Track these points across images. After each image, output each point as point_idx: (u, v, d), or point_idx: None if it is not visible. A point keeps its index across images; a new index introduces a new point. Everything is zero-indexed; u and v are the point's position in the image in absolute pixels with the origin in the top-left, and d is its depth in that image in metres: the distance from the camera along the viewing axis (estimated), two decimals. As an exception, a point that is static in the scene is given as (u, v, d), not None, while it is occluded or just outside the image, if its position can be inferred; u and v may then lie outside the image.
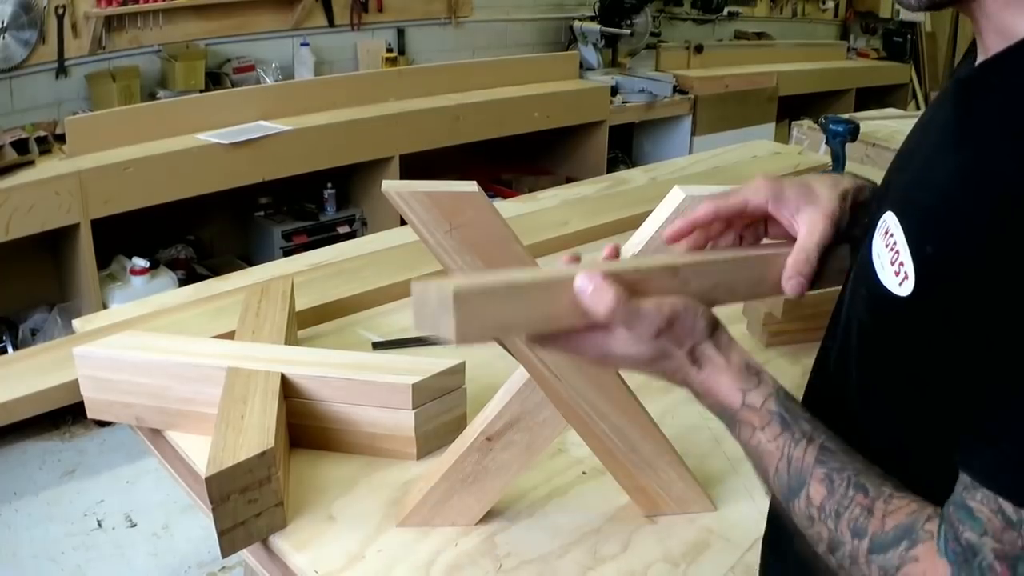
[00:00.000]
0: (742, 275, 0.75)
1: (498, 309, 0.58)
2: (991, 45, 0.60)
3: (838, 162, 2.10)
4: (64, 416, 2.75)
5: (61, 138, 2.90)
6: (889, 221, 0.63)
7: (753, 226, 0.82)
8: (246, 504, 0.91)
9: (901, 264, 0.61)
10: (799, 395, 0.76)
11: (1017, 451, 0.54)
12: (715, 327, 0.67)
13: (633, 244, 0.85)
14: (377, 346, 1.37)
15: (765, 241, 0.82)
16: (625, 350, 0.63)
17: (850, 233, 0.78)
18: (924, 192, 0.61)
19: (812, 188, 0.79)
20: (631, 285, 0.62)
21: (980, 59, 0.63)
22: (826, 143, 2.14)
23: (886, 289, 0.62)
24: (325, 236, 3.50)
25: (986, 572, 0.56)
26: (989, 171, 0.55)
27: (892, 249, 0.62)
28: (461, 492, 0.94)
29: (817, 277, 0.75)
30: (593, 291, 0.60)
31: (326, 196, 3.64)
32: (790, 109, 4.96)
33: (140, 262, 3.01)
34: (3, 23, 2.93)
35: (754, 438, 0.66)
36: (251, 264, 2.75)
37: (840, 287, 0.77)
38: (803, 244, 0.76)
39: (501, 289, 0.58)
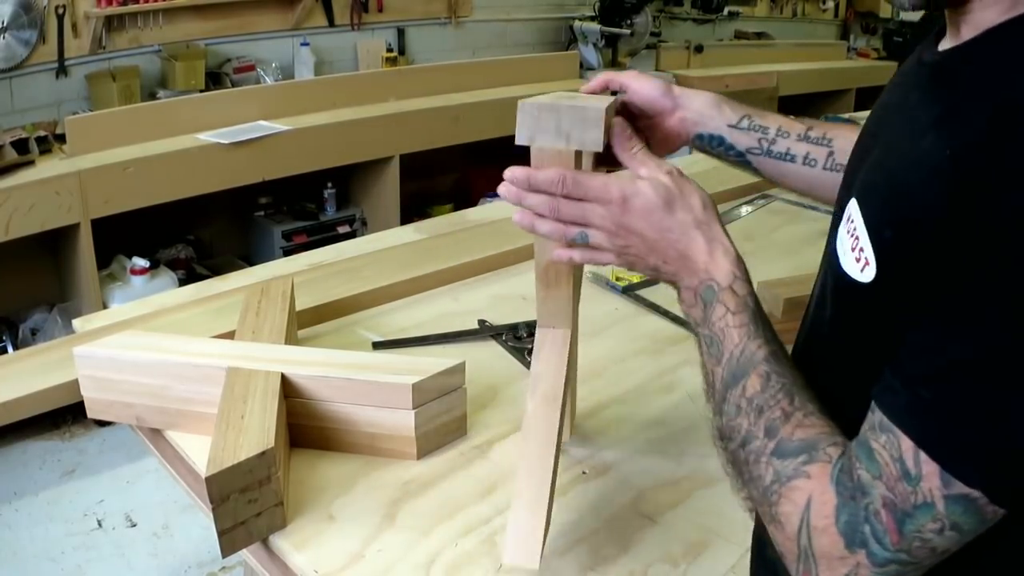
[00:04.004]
0: None
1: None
2: (964, 35, 0.60)
3: (838, 162, 2.10)
4: (64, 416, 2.75)
5: (61, 138, 2.90)
6: (851, 209, 0.63)
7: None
8: (246, 504, 0.91)
9: (861, 250, 0.61)
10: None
11: (933, 396, 0.54)
12: (715, 210, 0.74)
13: None
14: (377, 346, 1.37)
15: None
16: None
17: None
18: (882, 176, 0.62)
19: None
20: None
21: (947, 46, 0.62)
22: (826, 143, 2.14)
23: (849, 277, 0.62)
24: (325, 236, 3.50)
25: (871, 517, 0.56)
26: (943, 156, 0.54)
27: (853, 235, 0.62)
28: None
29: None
30: None
31: (326, 196, 3.65)
32: (790, 109, 4.90)
33: (140, 262, 3.01)
34: (3, 23, 2.93)
35: (724, 320, 0.69)
36: (251, 264, 2.75)
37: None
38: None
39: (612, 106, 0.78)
